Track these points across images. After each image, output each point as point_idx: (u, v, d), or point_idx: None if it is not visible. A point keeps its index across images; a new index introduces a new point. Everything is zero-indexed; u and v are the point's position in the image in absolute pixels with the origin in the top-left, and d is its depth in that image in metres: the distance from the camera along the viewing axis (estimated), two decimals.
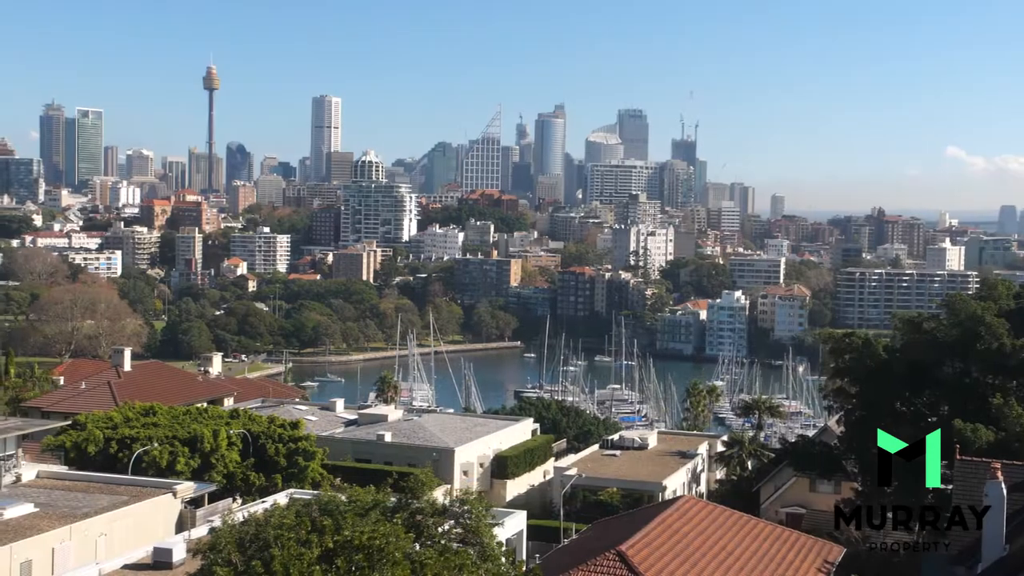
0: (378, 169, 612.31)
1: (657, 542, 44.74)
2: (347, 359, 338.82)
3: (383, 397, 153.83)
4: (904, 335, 71.35)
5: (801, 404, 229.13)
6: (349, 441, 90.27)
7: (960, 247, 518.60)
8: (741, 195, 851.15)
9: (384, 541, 33.87)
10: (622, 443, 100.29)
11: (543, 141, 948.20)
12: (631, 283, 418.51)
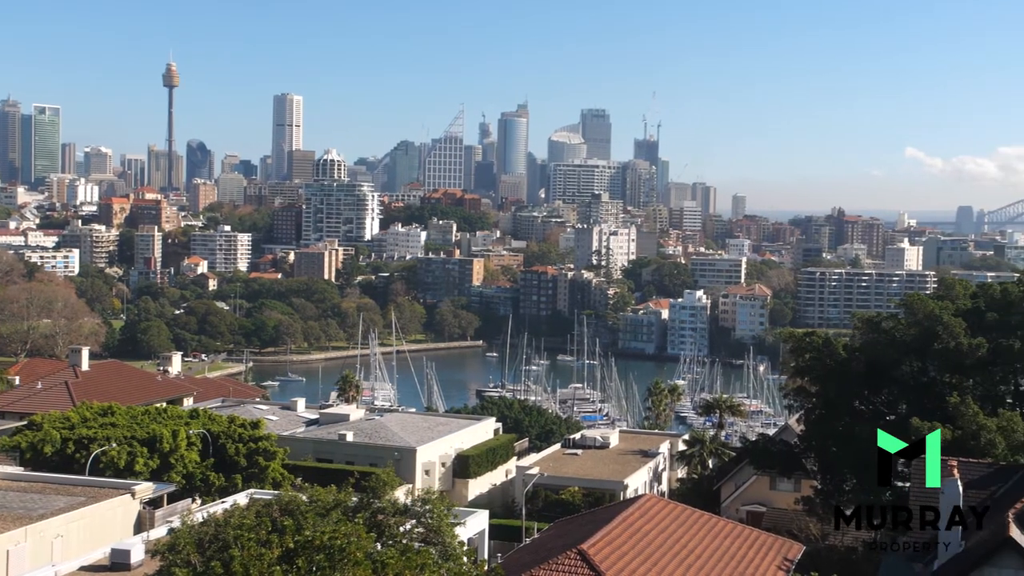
0: (340, 168, 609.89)
1: (618, 541, 44.82)
2: (308, 358, 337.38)
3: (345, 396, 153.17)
4: (863, 334, 71.85)
5: (762, 403, 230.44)
6: (310, 441, 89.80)
7: (918, 247, 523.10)
8: (703, 195, 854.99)
9: (345, 541, 33.73)
10: (584, 442, 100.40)
11: (506, 140, 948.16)
12: (593, 283, 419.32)
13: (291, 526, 35.76)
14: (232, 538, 36.07)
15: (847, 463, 64.20)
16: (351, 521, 40.00)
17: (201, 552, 36.51)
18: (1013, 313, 65.07)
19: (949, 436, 54.99)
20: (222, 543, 36.47)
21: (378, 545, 39.13)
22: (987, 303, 67.93)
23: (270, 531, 35.96)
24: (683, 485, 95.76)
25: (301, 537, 34.37)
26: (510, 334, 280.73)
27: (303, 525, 36.34)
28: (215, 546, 36.71)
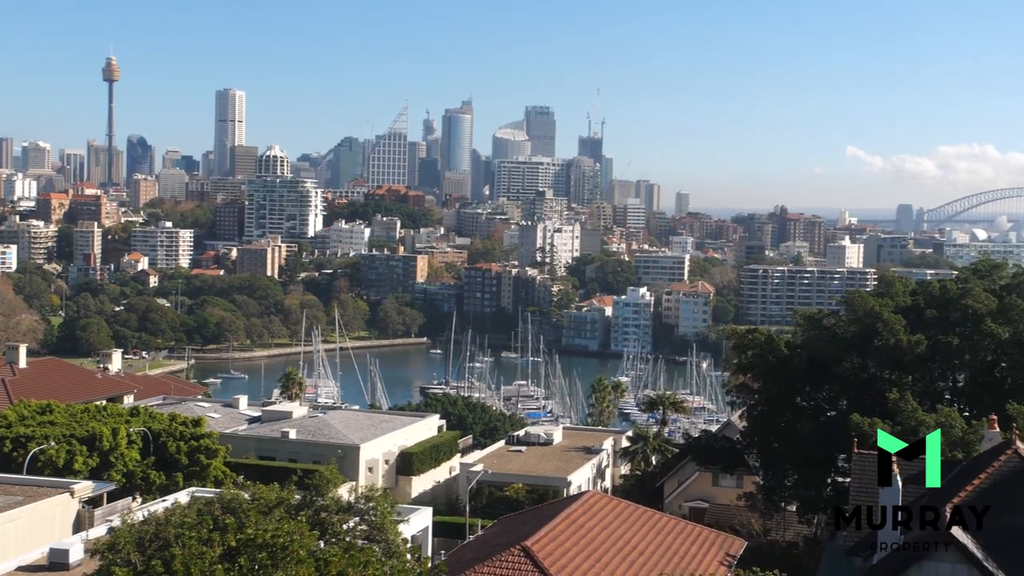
0: (283, 164, 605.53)
1: (562, 537, 44.91)
2: (251, 355, 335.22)
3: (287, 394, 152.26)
4: (805, 331, 72.49)
5: (704, 399, 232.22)
6: (253, 438, 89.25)
7: (859, 245, 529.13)
8: (646, 192, 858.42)
9: (288, 539, 33.47)
10: (528, 439, 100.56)
11: (450, 137, 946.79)
12: (537, 280, 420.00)
13: (233, 524, 35.41)
14: (173, 537, 35.70)
15: (789, 459, 64.76)
16: (294, 519, 39.74)
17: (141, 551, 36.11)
18: (951, 310, 65.90)
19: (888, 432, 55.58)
20: (163, 542, 36.10)
21: (321, 543, 38.89)
22: (926, 300, 68.74)
23: (212, 529, 35.60)
24: (626, 481, 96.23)
25: (243, 535, 34.06)
26: (454, 331, 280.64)
27: (245, 523, 36.00)
28: (156, 545, 36.32)
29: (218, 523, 36.66)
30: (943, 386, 67.39)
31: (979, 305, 64.38)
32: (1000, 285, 69.54)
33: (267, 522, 36.79)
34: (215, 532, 35.10)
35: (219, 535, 34.44)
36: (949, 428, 54.49)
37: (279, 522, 36.94)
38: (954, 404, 63.34)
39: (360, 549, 36.79)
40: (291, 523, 36.92)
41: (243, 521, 36.59)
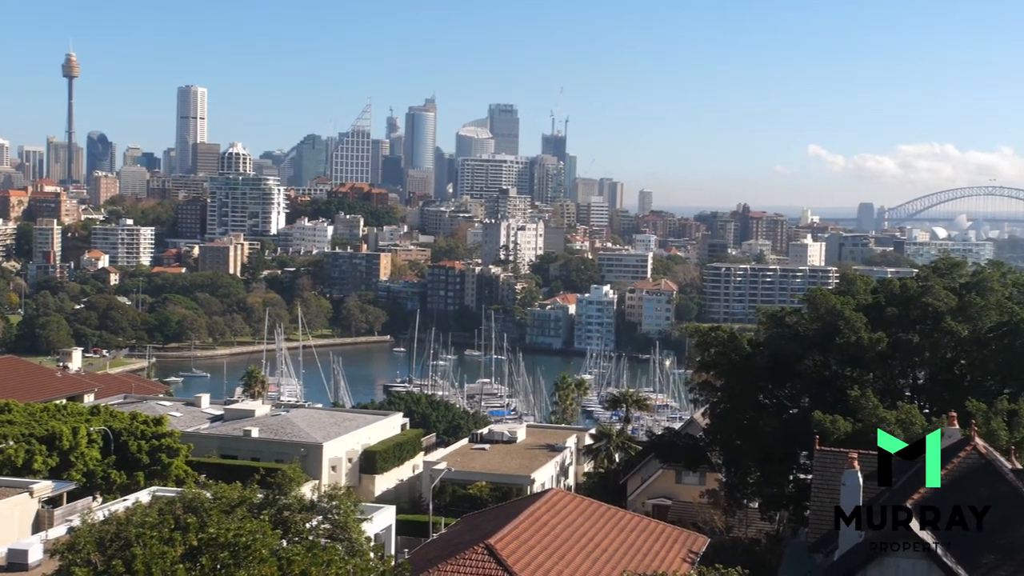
0: (245, 161, 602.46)
1: (525, 535, 44.93)
2: (213, 354, 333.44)
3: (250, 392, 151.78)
4: (767, 329, 72.84)
5: (668, 397, 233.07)
6: (215, 437, 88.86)
7: (821, 243, 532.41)
8: (610, 190, 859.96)
9: (250, 538, 33.30)
10: (491, 437, 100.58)
11: (413, 135, 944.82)
12: (501, 277, 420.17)
13: (195, 524, 35.21)
14: (134, 536, 35.43)
15: (751, 456, 65.03)
16: (256, 518, 39.53)
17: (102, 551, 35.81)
18: (912, 308, 66.39)
19: (849, 429, 56.00)
20: (124, 542, 35.82)
21: (284, 542, 38.72)
22: (887, 298, 69.21)
23: (173, 529, 35.37)
24: (590, 479, 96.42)
25: (205, 535, 33.86)
26: (417, 329, 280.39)
27: (207, 522, 35.79)
28: (116, 545, 36.04)
29: (180, 522, 36.43)
30: (904, 383, 67.90)
31: (939, 303, 64.91)
32: (960, 283, 70.11)
33: (229, 521, 36.59)
34: (177, 531, 34.88)
35: (181, 534, 34.23)
36: (909, 425, 54.93)
37: (241, 521, 36.75)
38: (914, 401, 63.85)
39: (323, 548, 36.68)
40: (253, 522, 36.73)
41: (205, 520, 36.38)
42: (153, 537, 34.10)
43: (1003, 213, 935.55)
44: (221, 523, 35.60)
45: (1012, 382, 64.01)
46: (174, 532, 34.80)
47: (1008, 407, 55.78)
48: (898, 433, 54.46)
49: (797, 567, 45.19)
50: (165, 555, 32.47)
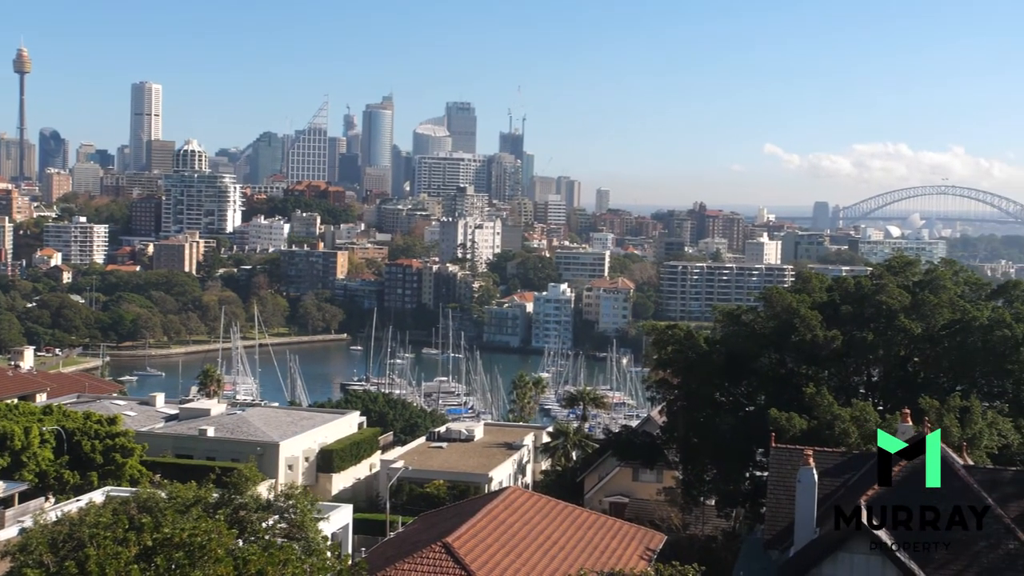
0: (201, 158, 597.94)
1: (483, 533, 44.89)
2: (168, 352, 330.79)
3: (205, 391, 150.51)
4: (724, 327, 73.16)
5: (625, 395, 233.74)
6: (170, 436, 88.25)
7: (777, 242, 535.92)
8: (567, 189, 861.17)
9: (206, 538, 33.04)
10: (449, 435, 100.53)
11: (371, 132, 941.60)
12: (458, 276, 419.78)
13: (149, 524, 34.92)
14: (87, 537, 35.12)
15: (708, 453, 65.32)
16: (212, 517, 39.29)
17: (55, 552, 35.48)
18: (866, 306, 66.91)
19: (805, 426, 56.35)
20: (77, 542, 35.51)
21: (240, 541, 38.50)
22: (842, 296, 69.71)
23: (127, 529, 35.07)
24: (547, 477, 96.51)
25: (160, 535, 33.58)
26: (375, 327, 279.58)
27: (162, 522, 35.52)
28: (69, 545, 35.72)
29: (134, 522, 36.14)
30: (858, 381, 68.41)
31: (893, 301, 65.46)
32: (913, 281, 70.72)
33: (184, 521, 36.35)
34: (131, 532, 34.59)
35: (135, 535, 33.94)
36: (863, 421, 55.38)
37: (196, 521, 36.50)
38: (868, 398, 64.36)
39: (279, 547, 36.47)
40: (209, 522, 36.48)
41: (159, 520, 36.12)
42: (107, 537, 33.81)
43: (955, 212, 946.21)
44: (176, 523, 35.37)
45: (964, 379, 64.73)
46: (128, 532, 34.51)
47: (960, 404, 56.36)
48: (852, 430, 54.98)
49: (753, 564, 45.43)
50: (119, 555, 32.17)
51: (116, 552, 32.42)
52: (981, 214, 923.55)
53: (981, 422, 55.05)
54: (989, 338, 63.00)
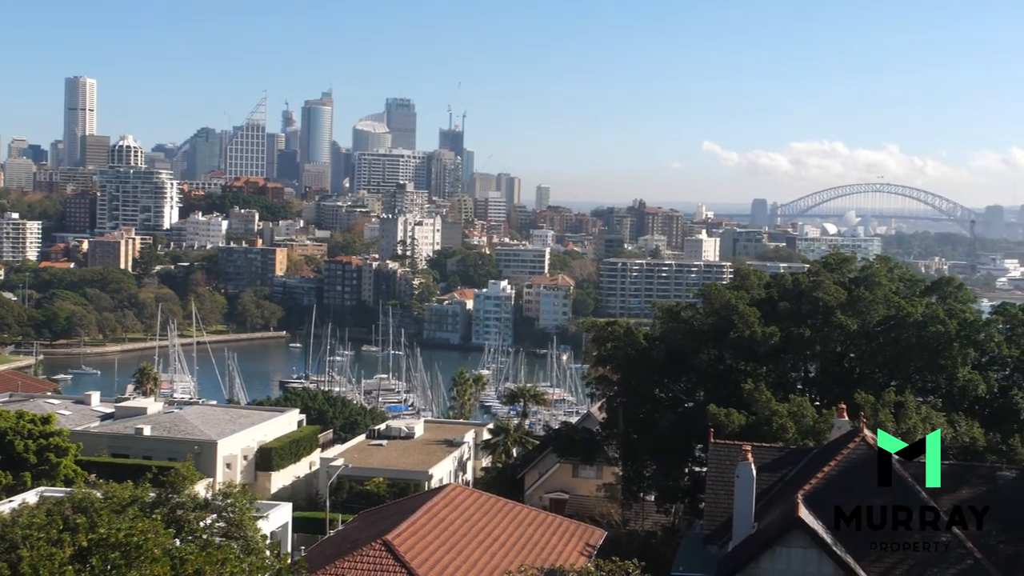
0: (137, 154, 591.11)
1: (423, 531, 44.80)
2: (104, 350, 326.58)
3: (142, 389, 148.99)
4: (663, 324, 73.55)
5: (565, 392, 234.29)
6: (105, 435, 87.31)
7: (716, 239, 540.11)
8: (507, 186, 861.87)
9: (142, 538, 32.64)
10: (389, 433, 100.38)
11: (310, 129, 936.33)
12: (398, 273, 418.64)
13: (84, 524, 34.44)
14: (20, 538, 34.59)
15: (648, 449, 65.68)
16: (148, 517, 38.84)
17: None
18: (803, 303, 67.56)
19: (743, 422, 56.82)
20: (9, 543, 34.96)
21: (177, 541, 38.12)
22: (779, 293, 70.36)
23: (62, 530, 34.59)
24: (488, 474, 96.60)
25: (95, 535, 33.12)
26: (314, 324, 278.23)
27: (97, 523, 35.05)
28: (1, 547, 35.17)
29: (68, 523, 35.65)
30: (795, 376, 69.09)
31: (829, 298, 66.17)
32: (849, 278, 71.53)
33: (120, 521, 35.90)
34: (65, 532, 34.13)
35: (69, 535, 33.47)
36: (801, 417, 55.98)
37: (133, 521, 36.06)
38: (806, 394, 65.02)
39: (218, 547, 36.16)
40: (145, 521, 36.06)
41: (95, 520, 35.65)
42: (40, 538, 33.32)
43: (890, 209, 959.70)
44: (112, 523, 34.93)
45: (898, 374, 65.65)
46: (63, 533, 34.04)
47: (895, 399, 57.13)
48: (790, 426, 55.55)
49: (692, 559, 45.74)
50: (53, 557, 31.70)
51: (50, 553, 31.94)
52: (915, 212, 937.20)
53: (915, 416, 55.80)
54: (923, 334, 63.92)
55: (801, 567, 37.49)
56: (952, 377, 63.25)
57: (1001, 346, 65.23)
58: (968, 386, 62.44)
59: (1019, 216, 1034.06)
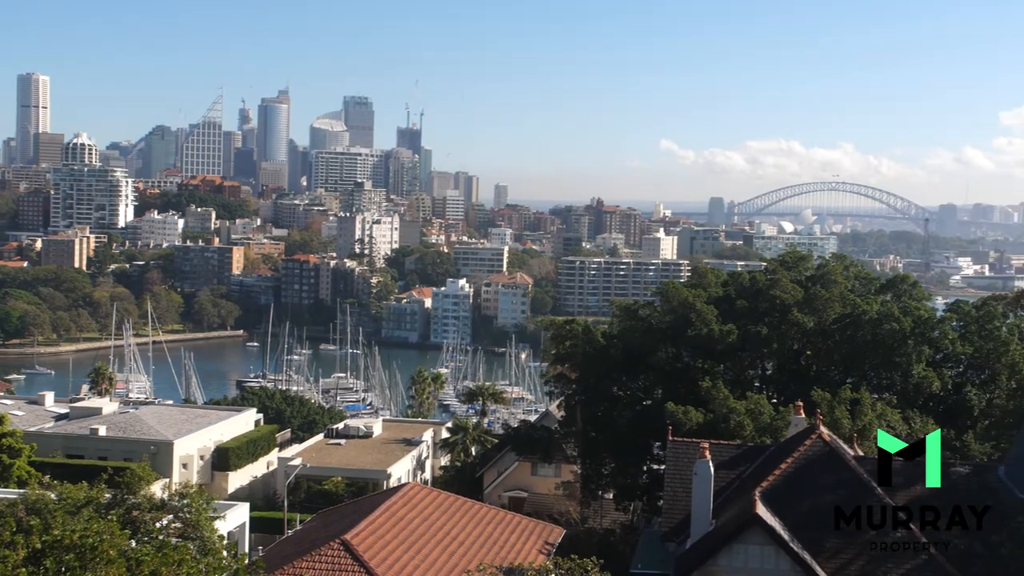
0: (91, 152, 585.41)
1: (382, 530, 44.67)
2: (58, 350, 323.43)
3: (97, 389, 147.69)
4: (621, 322, 73.76)
5: (523, 390, 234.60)
6: (60, 436, 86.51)
7: (673, 237, 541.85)
8: (465, 184, 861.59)
9: (97, 539, 32.31)
10: (347, 432, 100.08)
11: (267, 127, 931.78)
12: (356, 271, 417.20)
13: (38, 526, 34.10)
14: None
15: (606, 447, 65.83)
16: (104, 518, 38.46)
17: None
18: (760, 300, 67.94)
19: (701, 419, 57.07)
20: None
21: (133, 542, 37.78)
22: (737, 291, 70.72)
23: (15, 532, 34.18)
24: (446, 472, 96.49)
25: (49, 537, 32.77)
26: (271, 323, 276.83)
27: (51, 524, 34.71)
28: None
29: (22, 525, 35.25)
30: (752, 374, 69.47)
31: (786, 296, 66.57)
32: (805, 276, 71.99)
33: (75, 522, 35.57)
34: (19, 534, 33.72)
35: (23, 537, 33.09)
36: (758, 414, 56.29)
37: (88, 522, 35.73)
38: (763, 391, 65.44)
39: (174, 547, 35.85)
40: (101, 523, 35.72)
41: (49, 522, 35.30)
42: None
43: (845, 208, 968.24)
44: (66, 524, 34.60)
45: (854, 372, 66.14)
46: (16, 535, 33.63)
47: (850, 396, 57.55)
48: (747, 423, 55.85)
49: (651, 556, 45.90)
50: (6, 559, 31.34)
51: (3, 555, 31.58)
52: (870, 210, 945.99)
53: (871, 414, 56.25)
54: (878, 331, 64.45)
55: (759, 563, 37.72)
56: (907, 374, 63.80)
57: (955, 343, 65.86)
58: (922, 383, 63.00)
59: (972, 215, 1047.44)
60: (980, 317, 66.97)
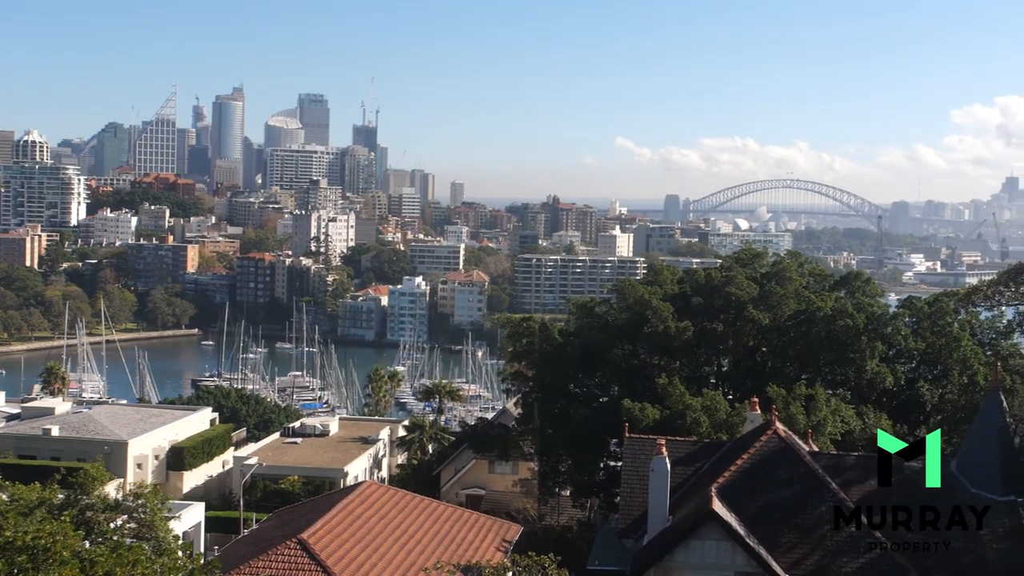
0: (42, 149, 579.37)
1: (338, 528, 44.55)
2: (9, 349, 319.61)
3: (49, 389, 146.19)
4: (578, 319, 74.03)
5: (480, 388, 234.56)
6: (11, 436, 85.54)
7: (629, 234, 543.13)
8: (421, 182, 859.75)
9: (50, 540, 31.98)
10: (303, 430, 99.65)
11: (221, 124, 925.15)
12: (312, 269, 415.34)
13: None
14: None
15: (563, 444, 65.98)
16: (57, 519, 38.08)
17: None
18: (716, 298, 68.35)
19: (658, 416, 57.31)
20: None
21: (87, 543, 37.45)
22: (692, 288, 71.08)
23: None
24: (403, 471, 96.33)
25: (1, 538, 32.41)
26: (227, 322, 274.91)
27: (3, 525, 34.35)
28: None
29: None
30: (709, 371, 69.93)
31: (741, 292, 67.01)
32: (760, 273, 72.50)
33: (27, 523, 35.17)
34: None
35: None
36: (714, 411, 56.62)
37: (40, 523, 35.34)
38: (719, 388, 65.87)
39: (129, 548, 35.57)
40: (54, 523, 35.36)
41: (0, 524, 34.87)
42: None
43: (800, 205, 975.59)
44: (18, 526, 34.23)
45: (809, 368, 66.72)
46: None
47: (805, 392, 58.04)
48: (703, 420, 56.16)
49: (608, 552, 46.05)
50: None
51: None
52: (824, 207, 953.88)
53: (825, 409, 56.75)
54: (832, 328, 65.02)
55: (715, 559, 37.94)
56: (861, 370, 64.41)
57: (907, 339, 66.58)
58: (876, 379, 63.63)
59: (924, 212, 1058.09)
60: (932, 313, 67.76)
